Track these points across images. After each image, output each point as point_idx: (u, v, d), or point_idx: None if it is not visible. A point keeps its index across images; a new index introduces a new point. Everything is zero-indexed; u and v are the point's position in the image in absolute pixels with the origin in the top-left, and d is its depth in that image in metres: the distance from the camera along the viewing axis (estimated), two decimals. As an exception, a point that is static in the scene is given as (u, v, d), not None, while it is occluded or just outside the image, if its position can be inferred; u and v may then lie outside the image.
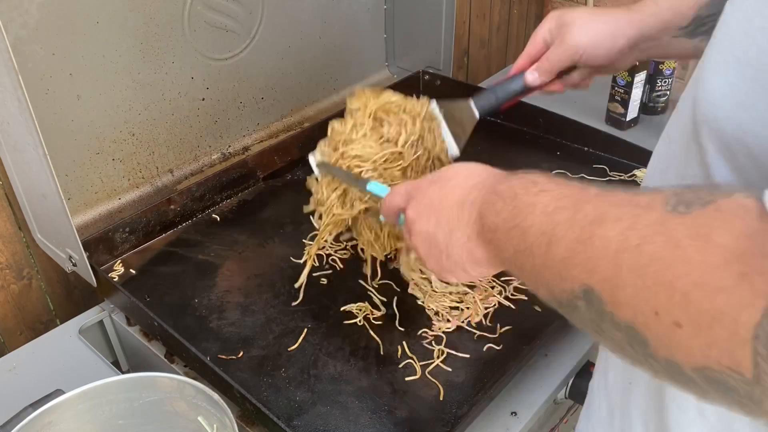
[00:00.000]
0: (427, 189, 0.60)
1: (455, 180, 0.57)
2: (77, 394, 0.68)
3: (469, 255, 0.54)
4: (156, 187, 1.12)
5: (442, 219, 0.56)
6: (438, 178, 0.60)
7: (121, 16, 0.97)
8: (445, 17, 1.34)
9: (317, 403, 0.78)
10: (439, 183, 0.59)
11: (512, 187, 0.48)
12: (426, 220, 0.58)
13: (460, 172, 0.58)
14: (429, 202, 0.59)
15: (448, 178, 0.58)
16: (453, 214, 0.55)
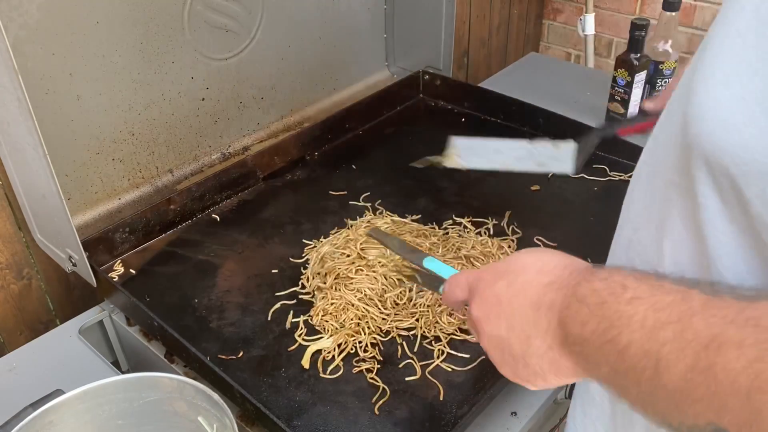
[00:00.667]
0: (493, 284, 0.52)
1: (525, 275, 0.50)
2: (77, 394, 0.68)
3: (551, 365, 0.47)
4: (156, 187, 1.12)
5: (516, 323, 0.49)
6: (504, 270, 0.52)
7: (121, 16, 0.97)
8: (445, 17, 1.34)
9: (317, 403, 0.78)
10: (507, 278, 0.51)
11: (597, 291, 0.42)
12: (496, 322, 0.51)
13: (529, 265, 0.50)
14: (497, 301, 0.51)
15: (516, 273, 0.50)
16: (528, 319, 0.48)
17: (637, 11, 1.96)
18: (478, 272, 0.56)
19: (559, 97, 1.45)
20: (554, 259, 0.50)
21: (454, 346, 0.85)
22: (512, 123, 1.31)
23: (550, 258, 0.50)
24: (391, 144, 1.30)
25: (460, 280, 0.58)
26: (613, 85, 1.32)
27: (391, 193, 1.14)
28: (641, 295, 0.39)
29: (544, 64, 1.72)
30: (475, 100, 1.36)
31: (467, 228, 1.03)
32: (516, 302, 0.49)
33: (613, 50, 2.06)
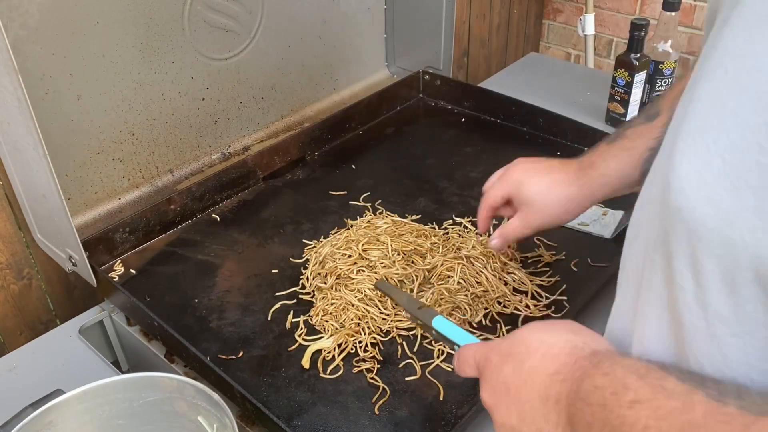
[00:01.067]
0: (500, 370, 0.51)
1: (531, 361, 0.48)
2: (77, 394, 0.68)
3: None
4: (156, 187, 1.12)
5: (526, 415, 0.48)
6: (509, 352, 0.51)
7: (121, 16, 0.97)
8: (445, 17, 1.34)
9: (317, 403, 0.78)
10: (513, 362, 0.50)
11: (599, 389, 0.41)
12: (507, 412, 0.50)
13: (533, 349, 0.49)
14: (505, 388, 0.50)
15: (521, 358, 0.49)
16: (538, 412, 0.47)
17: (637, 11, 1.96)
18: (486, 350, 0.54)
19: (559, 97, 1.45)
20: (559, 341, 0.48)
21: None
22: (512, 123, 1.31)
23: (556, 340, 0.48)
24: (391, 144, 1.30)
25: (468, 357, 0.57)
26: (613, 85, 1.32)
27: (391, 193, 1.14)
28: (643, 397, 0.38)
29: (544, 64, 1.72)
30: (475, 100, 1.36)
31: (467, 228, 1.03)
32: (524, 393, 0.48)
33: (613, 50, 2.06)
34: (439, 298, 0.89)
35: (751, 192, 0.32)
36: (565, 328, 0.49)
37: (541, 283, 0.93)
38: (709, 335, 0.37)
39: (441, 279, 0.92)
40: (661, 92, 1.36)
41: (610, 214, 1.05)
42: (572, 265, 0.97)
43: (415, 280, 0.91)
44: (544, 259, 0.98)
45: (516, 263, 0.95)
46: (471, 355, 0.56)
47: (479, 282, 0.91)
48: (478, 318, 0.88)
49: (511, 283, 0.92)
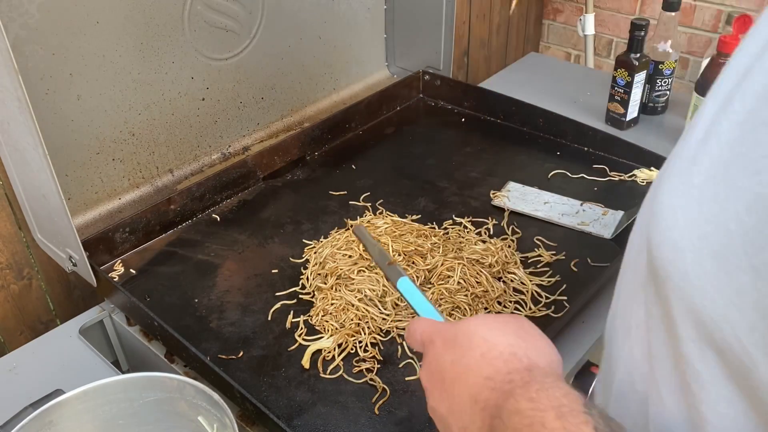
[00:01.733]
0: (441, 354, 0.51)
1: (470, 356, 0.48)
2: (77, 394, 0.68)
3: None
4: (156, 187, 1.12)
5: (455, 409, 0.48)
6: (452, 340, 0.50)
7: (121, 16, 0.97)
8: (445, 17, 1.34)
9: (317, 403, 0.78)
10: (453, 352, 0.50)
11: (519, 414, 0.41)
12: (439, 398, 0.50)
13: (475, 345, 0.48)
14: (441, 377, 0.50)
15: (462, 349, 0.49)
16: (466, 410, 0.47)
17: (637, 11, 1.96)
18: (433, 331, 0.53)
19: (559, 97, 1.45)
20: (501, 342, 0.47)
21: (454, 346, 0.85)
22: (512, 123, 1.31)
23: (497, 341, 0.47)
24: (391, 144, 1.30)
25: (415, 332, 0.56)
26: (613, 85, 1.32)
27: (391, 193, 1.14)
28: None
29: (544, 64, 1.72)
30: (475, 100, 1.36)
31: (467, 228, 1.03)
32: (458, 387, 0.48)
33: (613, 50, 2.06)
34: (439, 298, 0.89)
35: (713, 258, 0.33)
36: (513, 329, 0.49)
37: (541, 283, 0.93)
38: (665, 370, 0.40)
39: (441, 279, 0.92)
40: (661, 92, 1.37)
41: (610, 214, 1.05)
42: (572, 265, 0.97)
43: (415, 280, 0.91)
44: (544, 259, 0.98)
45: (516, 264, 0.96)
46: (419, 331, 0.56)
47: (479, 282, 0.91)
48: (478, 318, 0.87)
49: (511, 283, 0.93)
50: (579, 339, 0.89)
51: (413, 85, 1.41)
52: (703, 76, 1.22)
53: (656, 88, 1.36)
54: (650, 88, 1.36)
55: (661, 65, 1.32)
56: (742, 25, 1.44)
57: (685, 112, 1.26)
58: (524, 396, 0.41)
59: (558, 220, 1.05)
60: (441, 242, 0.98)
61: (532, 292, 0.92)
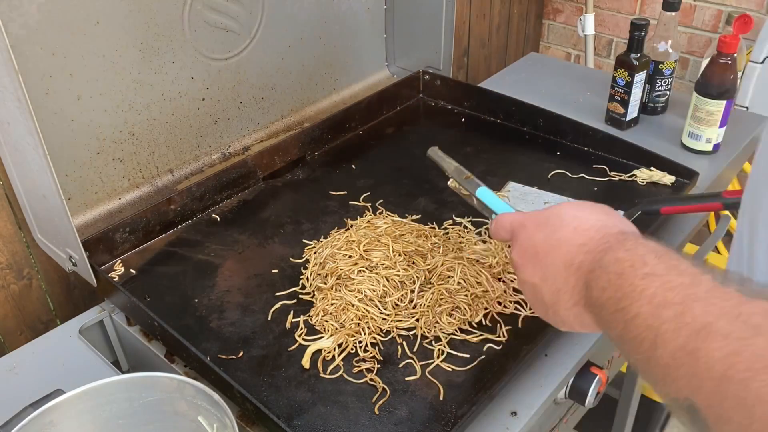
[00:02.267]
0: (533, 233, 0.58)
1: (562, 232, 0.54)
2: (77, 394, 0.68)
3: (576, 318, 0.53)
4: (156, 187, 1.12)
5: (549, 276, 0.55)
6: (545, 221, 0.57)
7: (121, 16, 0.97)
8: (445, 17, 1.34)
9: (317, 403, 0.78)
10: (545, 230, 0.56)
11: (619, 260, 0.46)
12: (532, 271, 0.57)
13: (567, 222, 0.55)
14: (534, 251, 0.57)
15: (554, 227, 0.55)
16: (560, 275, 0.53)
17: (637, 11, 1.96)
18: (522, 218, 0.61)
19: (559, 97, 1.45)
20: (591, 218, 0.54)
21: (454, 346, 0.85)
22: (512, 123, 1.31)
23: (587, 216, 0.54)
24: (391, 144, 1.30)
25: (504, 222, 0.63)
26: (613, 85, 1.32)
27: (391, 193, 1.14)
28: (657, 272, 0.43)
29: (544, 64, 1.72)
30: (475, 100, 1.36)
31: (467, 228, 1.03)
32: (551, 257, 0.54)
33: (613, 50, 2.07)
34: (439, 298, 0.89)
35: None
36: (600, 209, 0.55)
37: (541, 283, 0.93)
38: None
39: (441, 279, 0.92)
40: (661, 92, 1.36)
41: None
42: (572, 265, 0.97)
43: (416, 281, 0.91)
44: (544, 259, 0.97)
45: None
46: (508, 222, 0.63)
47: (479, 282, 0.91)
48: (478, 318, 0.88)
49: (511, 284, 0.92)
50: (579, 339, 0.89)
51: (413, 85, 1.41)
52: (703, 75, 1.22)
53: (656, 88, 1.36)
54: (650, 88, 1.36)
55: (661, 65, 1.32)
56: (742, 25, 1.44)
57: (685, 112, 1.26)
58: (621, 248, 0.47)
59: None
60: (441, 242, 0.98)
61: (532, 292, 0.92)
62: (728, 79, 1.19)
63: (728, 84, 1.19)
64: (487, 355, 0.84)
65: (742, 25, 1.47)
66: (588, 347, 0.88)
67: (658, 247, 0.45)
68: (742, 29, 1.48)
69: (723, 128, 1.23)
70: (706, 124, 1.22)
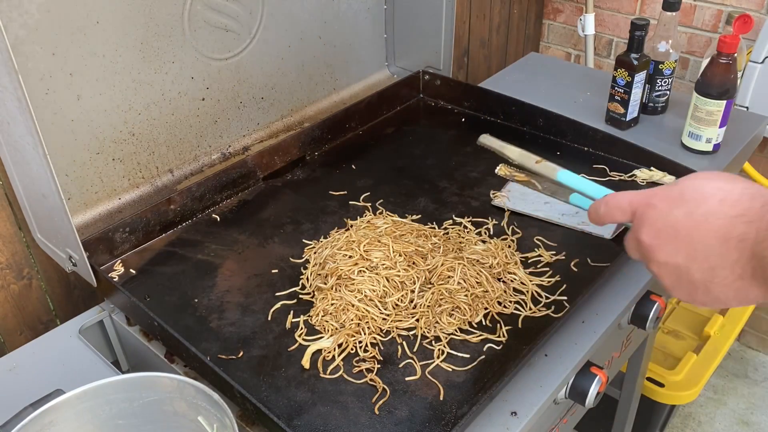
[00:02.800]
0: (668, 213, 0.53)
1: (707, 206, 0.50)
2: (77, 394, 0.68)
3: (738, 293, 0.50)
4: (156, 187, 1.13)
5: (698, 254, 0.51)
6: (680, 198, 0.53)
7: (121, 16, 0.97)
8: (445, 17, 1.34)
9: (317, 403, 0.78)
10: (685, 207, 0.52)
11: None
12: (673, 251, 0.52)
13: (709, 195, 0.51)
14: (674, 230, 0.52)
15: (696, 202, 0.51)
16: (714, 251, 0.50)
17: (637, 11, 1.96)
18: (646, 198, 0.56)
19: (559, 97, 1.45)
20: (737, 187, 0.50)
21: (454, 346, 0.85)
22: (512, 123, 1.31)
23: (732, 186, 0.50)
24: (391, 144, 1.30)
25: (622, 202, 0.58)
26: (613, 85, 1.32)
27: (391, 193, 1.14)
28: None
29: (544, 64, 1.72)
30: (475, 100, 1.36)
31: (467, 228, 1.03)
32: (698, 233, 0.50)
33: (613, 50, 2.06)
34: (439, 298, 0.89)
35: None
36: (737, 178, 0.52)
37: (541, 283, 0.93)
38: None
39: (441, 279, 0.92)
40: (661, 92, 1.36)
41: None
42: (572, 265, 0.97)
43: (416, 281, 0.91)
44: (544, 259, 0.98)
45: (516, 264, 0.95)
46: (626, 202, 0.57)
47: (479, 282, 0.91)
48: (478, 318, 0.88)
49: (511, 284, 0.93)
50: (579, 339, 0.89)
51: (413, 85, 1.41)
52: (703, 75, 1.22)
53: (656, 88, 1.36)
54: (650, 88, 1.36)
55: (661, 65, 1.32)
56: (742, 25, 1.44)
57: (685, 112, 1.26)
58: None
59: (558, 220, 1.05)
60: (441, 242, 0.98)
61: (532, 292, 0.92)
62: (728, 79, 1.19)
63: (728, 84, 1.19)
64: (487, 355, 0.84)
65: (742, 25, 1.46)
66: (588, 347, 0.88)
67: None
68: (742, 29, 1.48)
69: (723, 128, 1.23)
70: (706, 124, 1.22)
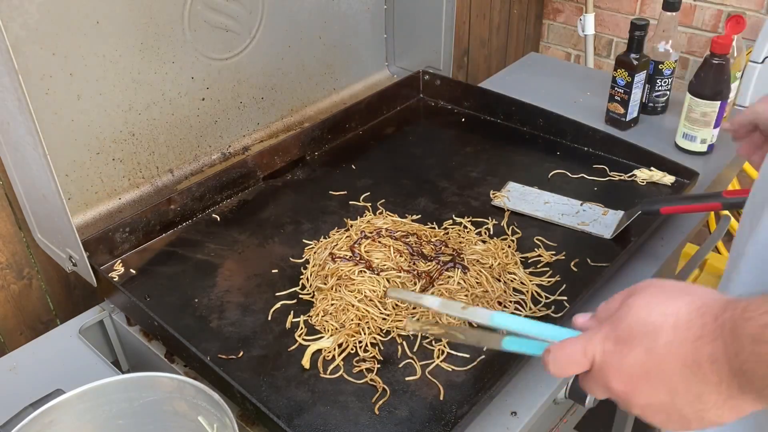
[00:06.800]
0: (627, 355, 0.49)
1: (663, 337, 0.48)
2: (77, 394, 0.68)
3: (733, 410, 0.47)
4: (156, 187, 1.12)
5: (678, 387, 0.48)
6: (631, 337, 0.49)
7: (121, 16, 0.97)
8: (445, 17, 1.34)
9: (317, 403, 0.79)
10: (640, 344, 0.49)
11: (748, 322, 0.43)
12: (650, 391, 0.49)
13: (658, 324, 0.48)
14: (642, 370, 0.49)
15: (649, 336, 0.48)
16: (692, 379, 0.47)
17: (637, 11, 1.96)
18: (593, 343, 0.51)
19: (559, 97, 1.45)
20: (681, 306, 0.48)
21: (454, 346, 0.85)
22: (512, 123, 1.31)
23: (675, 307, 0.48)
24: (391, 144, 1.30)
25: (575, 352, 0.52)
26: (613, 85, 1.32)
27: (391, 193, 1.14)
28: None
29: (544, 64, 1.72)
30: (475, 100, 1.36)
31: (467, 228, 1.03)
32: (668, 367, 0.48)
33: (613, 50, 2.07)
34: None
35: None
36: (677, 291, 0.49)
37: (541, 283, 0.93)
38: None
39: (441, 279, 0.92)
40: (661, 92, 1.36)
41: (611, 214, 1.05)
42: (572, 265, 0.97)
43: (417, 282, 0.91)
44: (544, 259, 0.98)
45: (516, 264, 0.95)
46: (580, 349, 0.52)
47: (479, 282, 0.91)
48: (478, 318, 0.88)
49: (511, 283, 0.93)
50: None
51: (413, 85, 1.41)
52: (696, 77, 1.21)
53: (656, 88, 1.36)
54: (650, 88, 1.36)
55: (661, 65, 1.32)
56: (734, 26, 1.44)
57: (685, 112, 1.26)
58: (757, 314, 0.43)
59: (558, 220, 1.05)
60: (441, 242, 0.98)
61: (532, 292, 0.92)
62: (722, 79, 1.18)
63: (722, 85, 1.19)
64: (487, 355, 0.84)
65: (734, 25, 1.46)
66: (588, 347, 0.88)
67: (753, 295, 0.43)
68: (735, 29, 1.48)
69: (717, 129, 1.23)
70: (701, 125, 1.22)
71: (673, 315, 0.47)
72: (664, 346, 0.47)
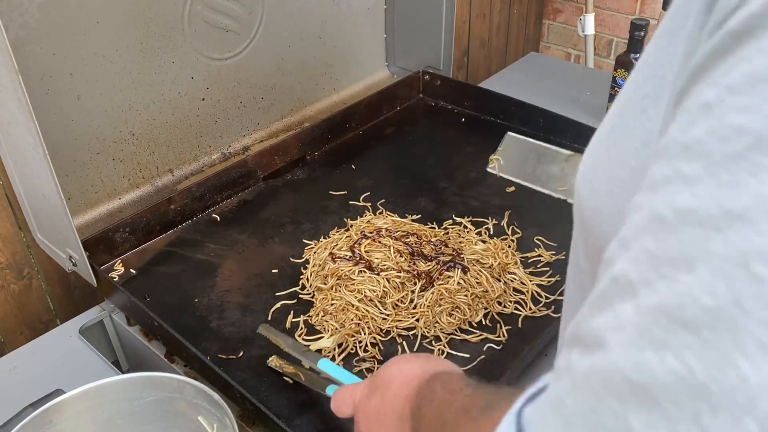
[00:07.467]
0: (370, 399, 0.58)
1: (392, 388, 0.55)
2: (77, 394, 0.68)
3: None
4: (156, 187, 1.12)
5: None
6: (377, 385, 0.58)
7: (121, 16, 0.97)
8: (445, 17, 1.34)
9: (317, 403, 0.78)
10: (379, 393, 0.56)
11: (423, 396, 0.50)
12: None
13: (394, 378, 0.55)
14: (375, 416, 0.57)
15: (386, 386, 0.56)
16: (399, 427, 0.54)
17: (637, 11, 1.96)
18: (360, 388, 0.60)
19: (559, 97, 1.45)
20: (414, 368, 0.54)
21: (454, 346, 0.85)
22: (512, 123, 1.31)
23: (410, 368, 0.55)
24: (391, 144, 1.30)
25: (345, 397, 0.62)
26: (613, 85, 1.32)
27: (391, 193, 1.14)
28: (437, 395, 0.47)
29: (544, 64, 1.72)
30: (475, 100, 1.36)
31: (467, 228, 1.03)
32: (387, 417, 0.54)
33: (613, 50, 2.07)
34: (439, 298, 0.89)
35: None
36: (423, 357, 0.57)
37: (541, 283, 0.93)
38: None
39: (441, 279, 0.92)
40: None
41: None
42: (572, 265, 0.97)
43: (417, 282, 0.91)
44: (544, 259, 0.98)
45: (516, 264, 0.95)
46: (348, 395, 0.62)
47: (479, 282, 0.91)
48: (478, 318, 0.88)
49: (511, 283, 0.93)
50: (579, 339, 0.89)
51: (413, 85, 1.41)
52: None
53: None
54: (650, 88, 1.36)
55: (661, 65, 1.32)
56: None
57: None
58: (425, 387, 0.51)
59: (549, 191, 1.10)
60: (441, 242, 0.98)
61: (532, 292, 0.92)
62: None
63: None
64: (487, 355, 0.84)
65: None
66: (588, 347, 0.88)
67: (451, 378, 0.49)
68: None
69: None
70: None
71: (405, 372, 0.54)
72: (390, 398, 0.54)
